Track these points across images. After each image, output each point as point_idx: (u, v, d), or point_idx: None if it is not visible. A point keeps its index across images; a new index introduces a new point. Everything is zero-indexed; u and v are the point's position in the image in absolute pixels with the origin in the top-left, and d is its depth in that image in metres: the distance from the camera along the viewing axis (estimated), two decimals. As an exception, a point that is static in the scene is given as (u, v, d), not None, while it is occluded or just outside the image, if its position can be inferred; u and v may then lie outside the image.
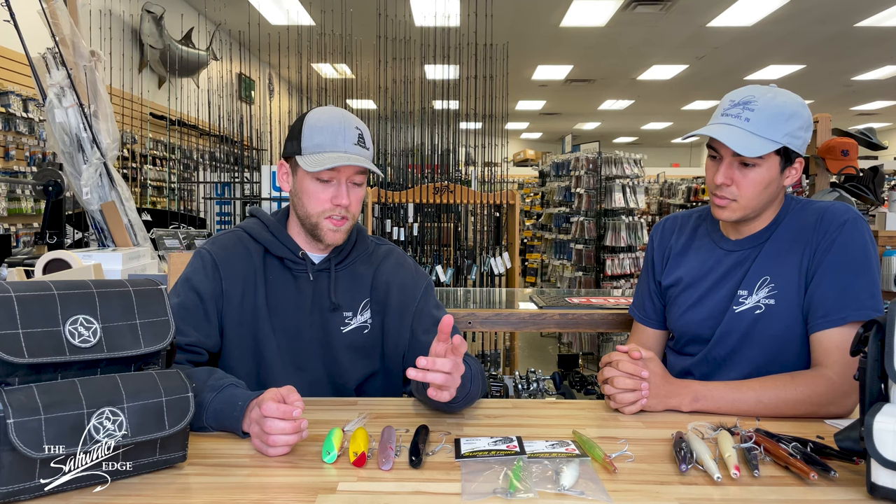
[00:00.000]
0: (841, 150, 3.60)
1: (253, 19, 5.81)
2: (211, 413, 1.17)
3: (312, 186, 1.38)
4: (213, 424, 1.18)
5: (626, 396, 1.31)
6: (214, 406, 1.18)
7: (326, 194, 1.38)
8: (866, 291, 1.34)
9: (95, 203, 2.65)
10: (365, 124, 1.42)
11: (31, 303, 0.93)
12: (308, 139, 1.37)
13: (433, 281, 4.39)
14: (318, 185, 1.38)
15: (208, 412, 1.17)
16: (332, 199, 1.38)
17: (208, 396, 1.19)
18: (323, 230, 1.41)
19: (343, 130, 1.36)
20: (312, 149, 1.36)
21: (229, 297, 1.42)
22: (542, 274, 8.81)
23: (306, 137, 1.37)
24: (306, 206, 1.40)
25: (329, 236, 1.41)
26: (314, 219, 1.40)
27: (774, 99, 1.36)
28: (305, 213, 1.41)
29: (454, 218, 4.89)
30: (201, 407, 1.17)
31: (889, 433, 0.90)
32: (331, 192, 1.38)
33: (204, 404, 1.18)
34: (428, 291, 1.53)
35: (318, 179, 1.37)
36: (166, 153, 6.97)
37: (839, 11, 7.78)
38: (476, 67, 5.08)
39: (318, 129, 1.37)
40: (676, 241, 1.60)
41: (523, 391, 3.94)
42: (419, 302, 1.50)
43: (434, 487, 0.98)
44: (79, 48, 2.64)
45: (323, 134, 1.36)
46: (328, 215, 1.39)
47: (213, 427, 1.18)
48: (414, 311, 1.49)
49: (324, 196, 1.38)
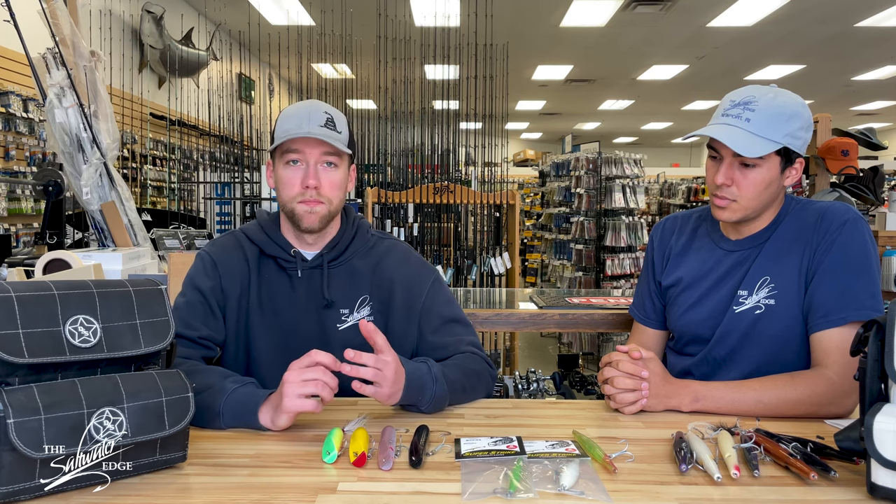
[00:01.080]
0: (841, 150, 3.60)
1: (253, 19, 5.81)
2: (231, 400, 1.20)
3: (284, 173, 1.40)
4: (227, 413, 1.19)
5: (626, 396, 1.31)
6: (236, 395, 1.20)
7: (296, 177, 1.39)
8: (866, 291, 1.34)
9: (95, 203, 2.65)
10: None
11: (31, 303, 0.93)
12: (279, 128, 1.40)
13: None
14: (288, 169, 1.39)
15: (228, 399, 1.20)
16: (302, 182, 1.38)
17: (230, 386, 1.22)
18: (298, 214, 1.40)
19: (309, 114, 1.38)
20: (281, 135, 1.38)
21: (228, 295, 1.45)
22: (542, 274, 8.81)
23: (277, 128, 1.41)
24: (281, 193, 1.42)
25: (306, 219, 1.40)
26: (290, 205, 1.41)
27: (775, 99, 1.36)
28: (282, 201, 1.42)
29: (454, 218, 4.89)
30: (221, 393, 1.20)
31: (889, 433, 0.90)
32: (300, 175, 1.39)
33: (225, 390, 1.21)
34: (436, 287, 1.50)
35: (288, 164, 1.39)
36: (166, 153, 6.97)
37: (839, 11, 7.78)
38: (476, 67, 5.08)
39: (287, 118, 1.40)
40: (676, 242, 1.60)
41: (523, 391, 3.94)
42: (426, 299, 1.47)
43: (434, 487, 0.98)
44: (79, 48, 2.64)
45: (290, 120, 1.39)
46: (300, 199, 1.39)
47: (227, 418, 1.19)
48: (421, 308, 1.47)
49: (294, 180, 1.39)
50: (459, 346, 1.44)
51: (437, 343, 1.44)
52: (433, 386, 1.27)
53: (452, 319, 1.48)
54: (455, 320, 1.49)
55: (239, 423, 1.20)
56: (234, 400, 1.20)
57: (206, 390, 1.21)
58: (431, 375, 1.28)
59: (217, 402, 1.20)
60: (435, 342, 1.45)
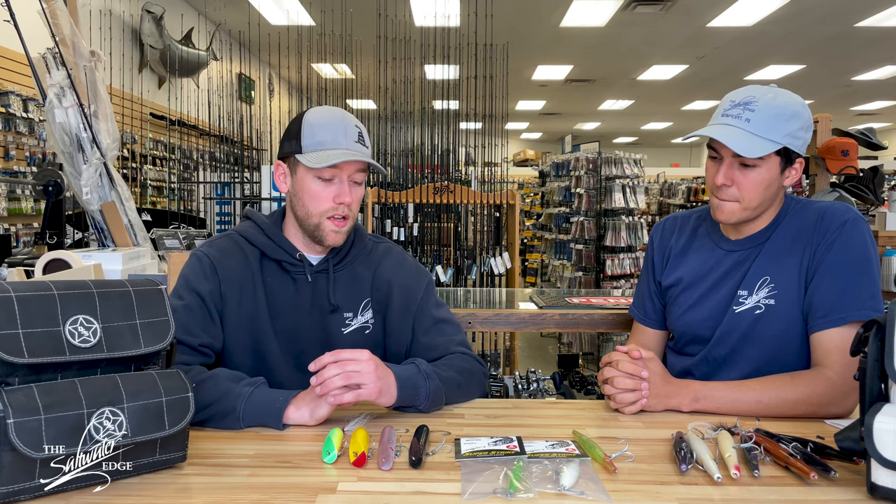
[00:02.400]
0: (841, 150, 3.60)
1: (253, 19, 5.81)
2: (250, 404, 1.21)
3: (314, 185, 1.37)
4: (247, 416, 1.21)
5: (627, 396, 1.31)
6: (254, 397, 1.22)
7: (328, 193, 1.37)
8: (866, 291, 1.34)
9: (95, 203, 2.65)
10: (363, 124, 1.42)
11: (31, 303, 0.93)
12: (309, 137, 1.36)
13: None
14: (319, 183, 1.37)
15: (247, 403, 1.21)
16: (335, 198, 1.37)
17: (246, 389, 1.23)
18: (324, 231, 1.40)
19: (344, 128, 1.36)
20: (314, 146, 1.35)
21: (227, 300, 1.42)
22: (542, 274, 8.81)
23: (307, 135, 1.36)
24: (308, 206, 1.39)
25: (330, 237, 1.40)
26: (316, 219, 1.39)
27: (775, 99, 1.36)
28: (307, 213, 1.40)
29: (454, 218, 4.89)
30: (239, 397, 1.22)
31: (889, 433, 0.90)
32: (333, 191, 1.37)
33: (243, 395, 1.22)
34: (429, 290, 1.52)
35: (319, 178, 1.37)
36: (166, 153, 6.97)
37: (839, 11, 7.78)
38: (476, 67, 5.08)
39: (320, 127, 1.36)
40: (676, 242, 1.60)
41: (523, 391, 3.94)
42: (420, 302, 1.50)
43: (434, 487, 0.98)
44: (79, 48, 2.64)
45: (325, 131, 1.36)
46: (330, 215, 1.38)
47: (247, 420, 1.21)
48: (416, 310, 1.49)
49: (326, 195, 1.37)
50: (449, 346, 1.46)
51: (428, 343, 1.46)
52: (426, 383, 1.28)
53: (442, 321, 1.50)
54: (445, 322, 1.50)
55: (257, 424, 1.22)
56: (252, 403, 1.22)
57: (223, 397, 1.22)
58: (422, 373, 1.29)
59: (237, 408, 1.21)
60: (426, 342, 1.46)
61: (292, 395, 1.23)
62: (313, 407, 1.21)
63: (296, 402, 1.22)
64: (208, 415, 1.21)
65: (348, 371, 1.17)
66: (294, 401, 1.22)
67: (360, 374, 1.18)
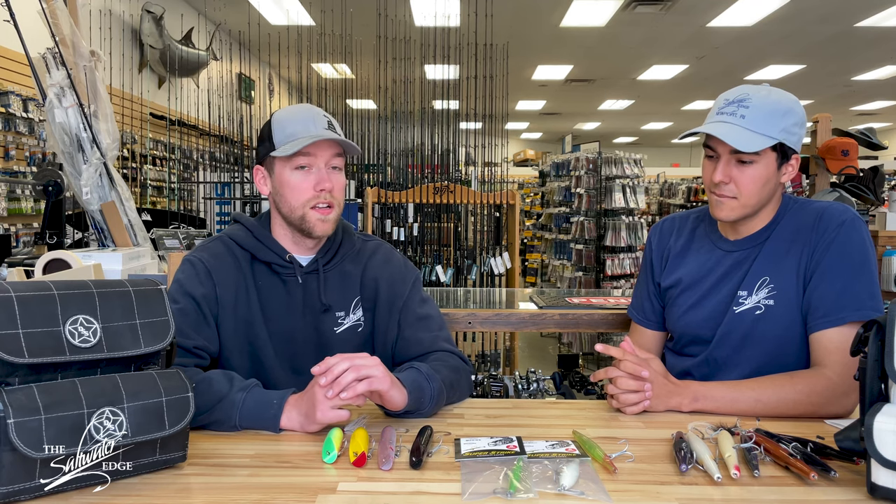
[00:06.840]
0: (841, 150, 3.60)
1: (253, 19, 5.80)
2: (245, 412, 1.20)
3: (293, 178, 1.38)
4: (245, 423, 1.20)
5: (630, 397, 1.31)
6: (248, 405, 1.21)
7: (308, 182, 1.37)
8: (866, 291, 1.34)
9: (95, 203, 2.64)
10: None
11: (31, 303, 0.93)
12: (279, 133, 1.38)
13: (433, 281, 4.40)
14: (298, 174, 1.38)
15: (242, 410, 1.20)
16: (316, 185, 1.37)
17: (239, 396, 1.22)
18: (311, 222, 1.39)
19: (313, 118, 1.38)
20: (286, 139, 1.37)
21: (223, 304, 1.41)
22: (542, 274, 8.81)
23: (277, 132, 1.38)
24: (290, 199, 1.39)
25: (318, 227, 1.40)
26: (300, 211, 1.39)
27: (769, 96, 1.37)
28: (290, 207, 1.40)
29: (454, 218, 4.89)
30: (232, 406, 1.21)
31: (889, 433, 0.90)
32: (313, 179, 1.37)
33: (236, 403, 1.21)
34: (415, 286, 1.53)
35: (297, 169, 1.37)
36: (166, 153, 6.97)
37: (839, 11, 7.78)
38: (476, 67, 5.08)
39: (289, 121, 1.38)
40: (675, 242, 1.60)
41: (523, 391, 3.94)
42: (407, 298, 1.50)
43: (434, 487, 0.98)
44: (79, 48, 2.64)
45: (294, 124, 1.37)
46: (313, 204, 1.38)
47: (244, 425, 1.20)
48: (401, 306, 1.49)
49: (306, 184, 1.37)
50: (436, 342, 1.46)
51: (412, 338, 1.46)
52: (429, 384, 1.28)
53: (427, 316, 1.50)
54: (430, 317, 1.50)
55: (252, 427, 1.21)
56: (247, 408, 1.21)
57: (220, 401, 1.21)
58: (423, 375, 1.28)
59: (232, 415, 1.20)
60: (411, 337, 1.46)
61: (285, 400, 1.22)
62: (303, 422, 1.19)
63: (289, 410, 1.20)
64: (205, 422, 1.20)
65: (357, 363, 1.16)
66: (286, 409, 1.21)
67: (369, 366, 1.17)
